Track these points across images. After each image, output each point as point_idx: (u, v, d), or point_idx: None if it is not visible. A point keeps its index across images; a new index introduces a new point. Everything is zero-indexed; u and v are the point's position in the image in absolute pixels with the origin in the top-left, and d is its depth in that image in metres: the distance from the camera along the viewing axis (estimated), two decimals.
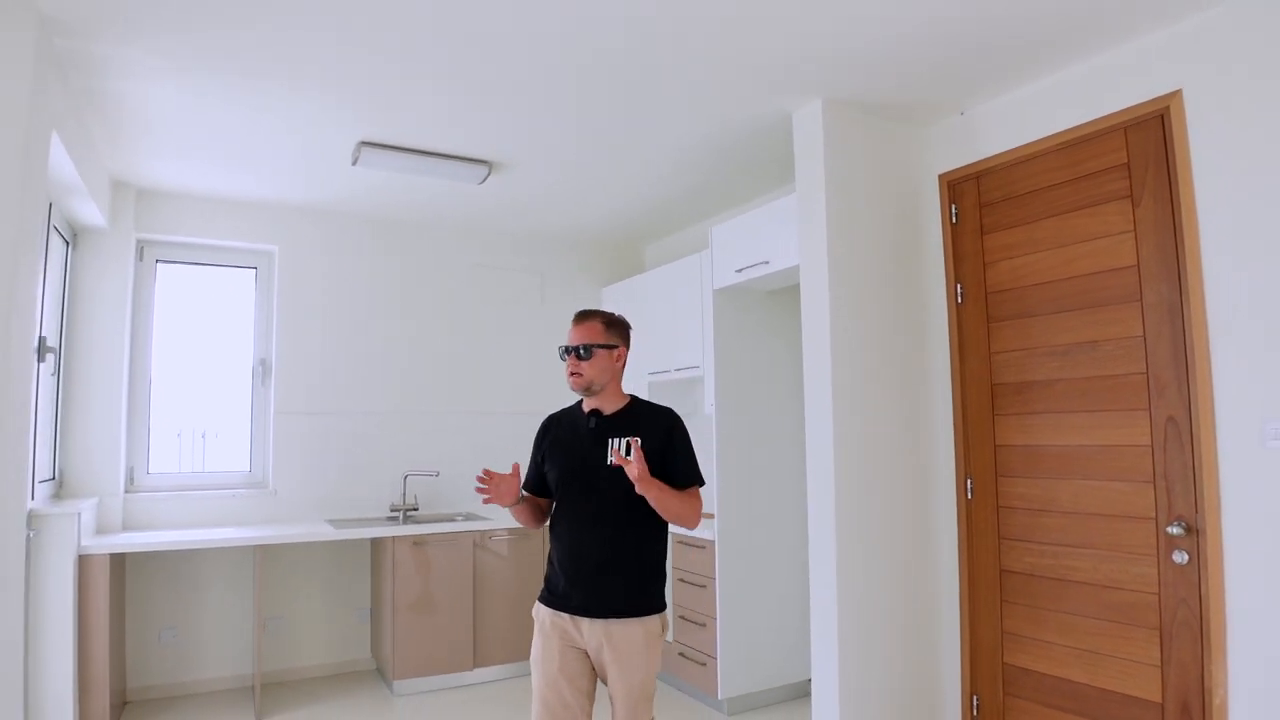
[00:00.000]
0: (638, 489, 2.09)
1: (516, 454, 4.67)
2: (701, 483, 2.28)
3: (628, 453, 2.13)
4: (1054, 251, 2.89)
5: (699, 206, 4.54)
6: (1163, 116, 2.56)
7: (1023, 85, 2.97)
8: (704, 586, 3.80)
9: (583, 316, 2.31)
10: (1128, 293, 2.66)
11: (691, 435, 2.30)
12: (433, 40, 2.63)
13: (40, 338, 3.31)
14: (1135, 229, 2.64)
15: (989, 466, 3.10)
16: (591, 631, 2.16)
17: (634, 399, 2.35)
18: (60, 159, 2.93)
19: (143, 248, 4.20)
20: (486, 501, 2.23)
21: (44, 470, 3.56)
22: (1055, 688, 2.83)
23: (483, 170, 3.81)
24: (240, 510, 4.23)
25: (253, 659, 3.84)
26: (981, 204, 3.16)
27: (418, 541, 4.10)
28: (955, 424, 3.21)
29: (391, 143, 3.55)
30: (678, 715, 3.73)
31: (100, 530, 3.78)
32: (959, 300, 3.22)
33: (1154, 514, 2.56)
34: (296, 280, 4.47)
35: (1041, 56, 2.75)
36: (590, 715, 2.22)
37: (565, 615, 2.20)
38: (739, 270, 3.69)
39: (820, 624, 3.04)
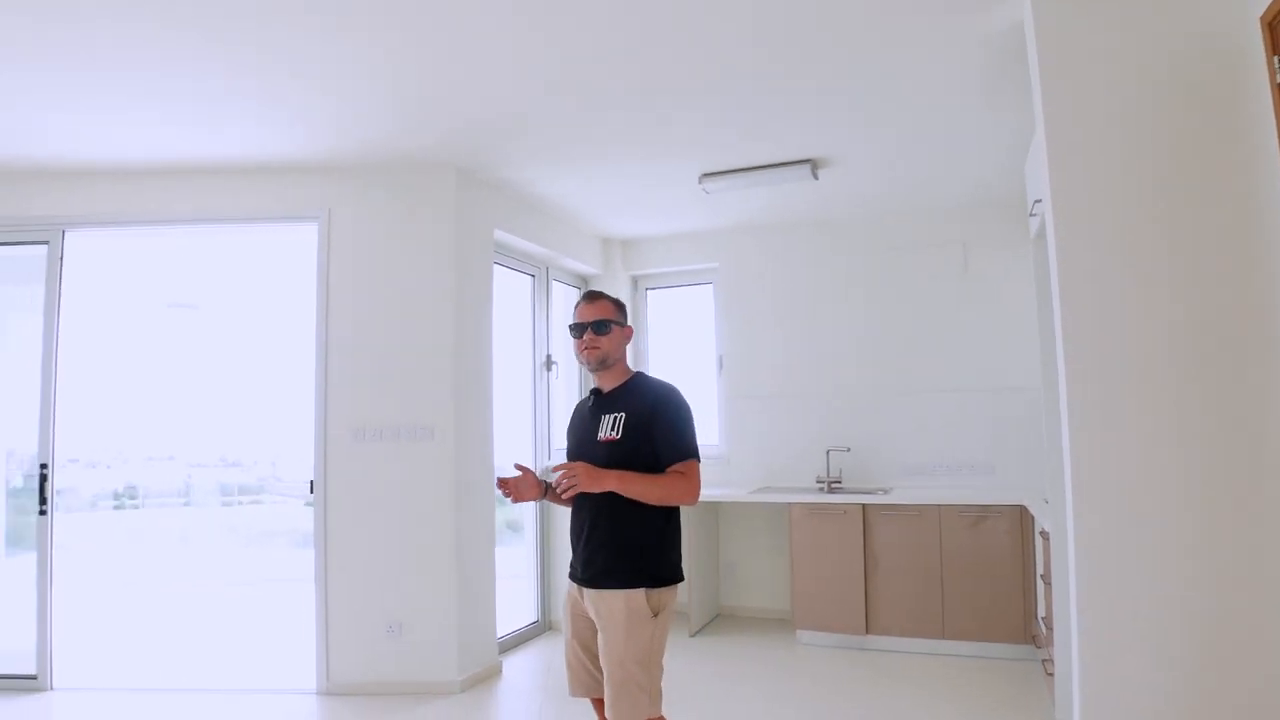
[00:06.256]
0: (591, 489, 2.19)
1: (945, 431, 4.61)
2: (690, 457, 2.26)
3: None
4: None
5: None
6: None
7: None
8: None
9: (593, 297, 2.39)
10: None
11: None
12: (737, 86, 3.21)
13: (547, 355, 5.11)
14: None
15: None
16: (588, 600, 2.27)
17: (636, 375, 2.38)
18: (518, 242, 4.63)
19: (636, 280, 5.77)
20: (515, 500, 2.36)
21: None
22: None
23: (806, 168, 4.10)
24: (708, 477, 5.35)
25: (690, 590, 4.83)
26: None
27: (812, 510, 4.55)
28: None
29: (724, 168, 4.22)
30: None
31: None
32: None
33: None
34: (732, 288, 5.41)
35: None
36: None
37: (573, 585, 2.35)
38: (1031, 214, 3.08)
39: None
